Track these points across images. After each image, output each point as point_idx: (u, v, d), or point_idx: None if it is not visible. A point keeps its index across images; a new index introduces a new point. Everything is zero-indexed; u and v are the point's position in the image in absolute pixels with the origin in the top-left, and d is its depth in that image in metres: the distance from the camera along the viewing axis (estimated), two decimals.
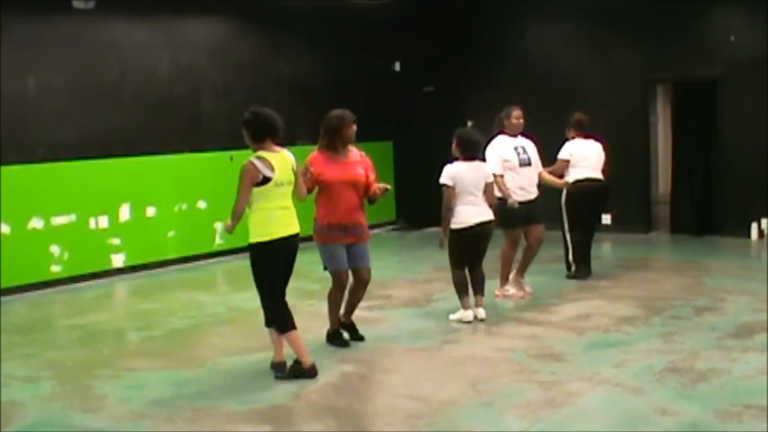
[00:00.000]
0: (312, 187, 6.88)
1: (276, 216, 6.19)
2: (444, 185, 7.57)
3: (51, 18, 10.02)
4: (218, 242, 11.69)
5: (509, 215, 8.29)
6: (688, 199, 12.47)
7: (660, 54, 12.32)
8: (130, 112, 10.65)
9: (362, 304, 8.47)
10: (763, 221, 11.80)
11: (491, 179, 7.81)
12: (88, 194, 10.18)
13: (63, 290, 9.83)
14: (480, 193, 7.61)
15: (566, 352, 6.62)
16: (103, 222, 10.38)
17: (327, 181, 6.92)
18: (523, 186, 8.40)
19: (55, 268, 9.99)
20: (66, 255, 10.04)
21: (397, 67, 14.30)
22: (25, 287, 9.65)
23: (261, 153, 6.21)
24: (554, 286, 8.96)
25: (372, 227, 13.81)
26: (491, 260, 8.14)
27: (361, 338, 7.16)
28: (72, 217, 10.10)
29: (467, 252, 7.74)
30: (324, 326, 7.82)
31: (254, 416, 5.49)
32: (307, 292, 8.95)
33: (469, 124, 13.55)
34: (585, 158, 9.23)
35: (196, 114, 11.59)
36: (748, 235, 11.78)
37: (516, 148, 8.48)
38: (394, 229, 14.18)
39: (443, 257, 10.91)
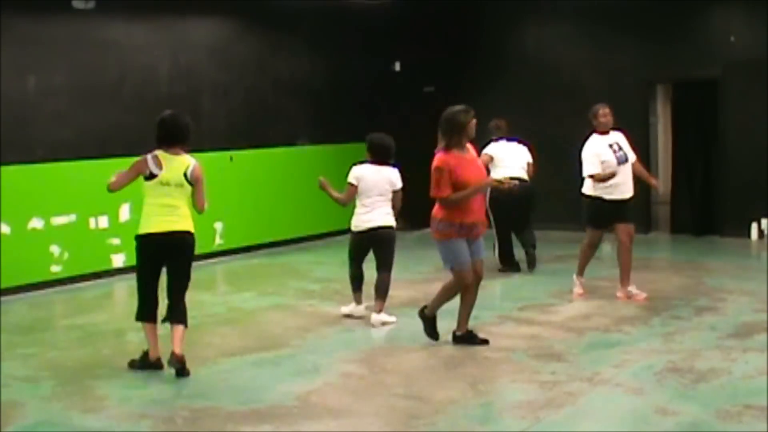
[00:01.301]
0: (448, 193, 6.60)
1: (155, 212, 6.52)
2: (349, 183, 7.81)
3: (51, 18, 10.01)
4: (218, 242, 11.69)
5: (597, 213, 8.26)
6: (688, 199, 12.47)
7: (660, 54, 12.32)
8: (130, 112, 10.63)
9: (362, 303, 8.50)
10: (763, 221, 11.80)
11: (399, 186, 7.97)
12: (88, 194, 10.17)
13: (63, 290, 9.83)
14: (383, 198, 7.80)
15: (566, 352, 6.62)
16: (103, 222, 10.37)
17: (465, 182, 6.62)
18: (620, 184, 8.28)
19: (55, 268, 9.98)
20: (66, 255, 10.04)
21: (397, 67, 14.30)
22: (25, 287, 9.64)
23: (158, 152, 6.56)
24: (554, 286, 8.95)
25: None
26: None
27: (485, 341, 6.93)
28: (72, 217, 10.09)
29: (363, 253, 7.97)
30: (324, 325, 7.82)
31: (254, 416, 5.49)
32: (307, 292, 8.95)
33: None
34: (505, 159, 9.85)
35: (196, 114, 11.56)
36: (748, 235, 11.78)
37: (611, 146, 8.41)
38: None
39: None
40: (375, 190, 7.78)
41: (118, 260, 10.54)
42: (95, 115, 10.40)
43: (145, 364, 6.53)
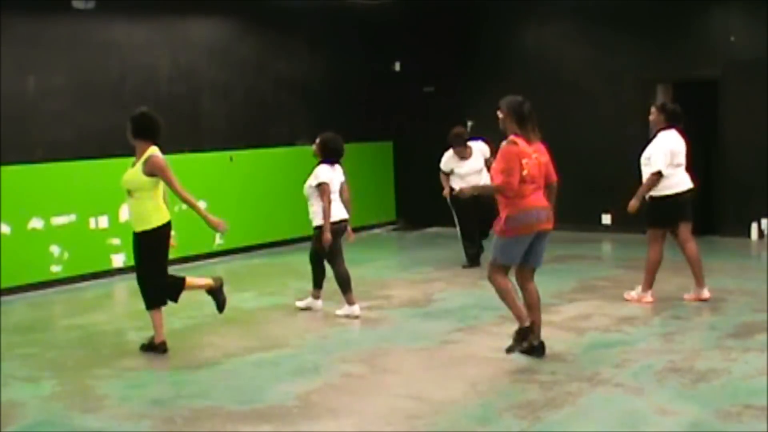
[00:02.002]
0: (516, 184, 6.28)
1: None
2: (323, 184, 8.03)
3: (51, 18, 10.02)
4: (218, 242, 11.69)
5: (658, 211, 8.09)
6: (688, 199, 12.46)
7: (660, 54, 12.32)
8: (130, 112, 10.58)
9: (362, 304, 8.51)
10: (763, 221, 11.80)
11: (343, 178, 8.29)
12: (88, 194, 10.17)
13: (63, 290, 9.83)
14: (336, 194, 8.16)
15: (566, 352, 6.62)
16: (103, 222, 10.37)
17: (533, 171, 6.37)
18: (678, 174, 8.14)
19: (55, 268, 9.98)
20: (66, 255, 10.04)
21: (397, 67, 14.31)
22: (25, 287, 9.65)
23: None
24: (554, 286, 8.95)
25: (372, 227, 13.96)
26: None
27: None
28: (72, 217, 10.09)
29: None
30: (324, 325, 7.83)
31: (254, 416, 5.49)
32: (307, 292, 8.93)
33: (470, 124, 13.56)
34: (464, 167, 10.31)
35: (196, 114, 11.59)
36: (748, 235, 11.78)
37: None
38: (394, 229, 14.18)
39: (443, 257, 10.96)
40: (334, 188, 8.18)
41: (118, 260, 10.54)
42: (95, 115, 10.40)
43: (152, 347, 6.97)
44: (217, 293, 7.29)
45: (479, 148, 10.51)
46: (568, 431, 5.17)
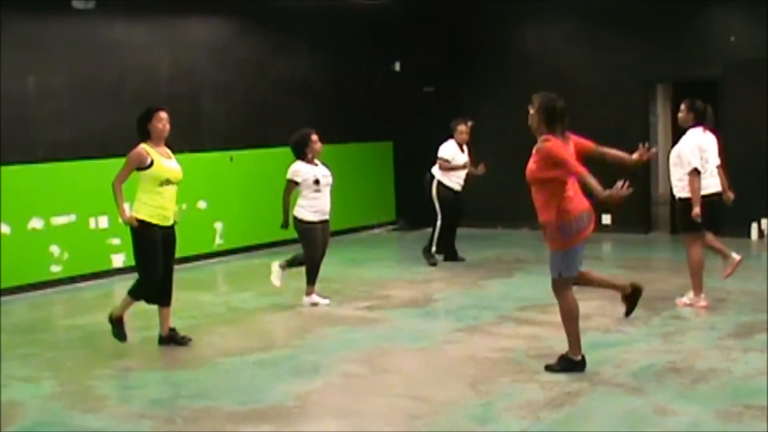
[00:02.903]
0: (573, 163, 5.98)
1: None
2: (294, 181, 8.50)
3: (51, 18, 10.01)
4: (218, 242, 11.69)
5: (704, 214, 7.77)
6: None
7: (660, 54, 12.32)
8: (130, 112, 10.57)
9: (362, 303, 8.51)
10: (763, 221, 11.80)
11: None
12: (88, 194, 10.17)
13: (63, 290, 9.83)
14: None
15: None
16: (103, 222, 10.37)
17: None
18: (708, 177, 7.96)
19: (55, 268, 9.98)
20: (66, 255, 10.04)
21: (397, 67, 14.31)
22: (25, 287, 9.65)
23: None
24: None
25: (372, 227, 13.95)
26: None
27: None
28: (72, 217, 10.09)
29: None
30: (324, 325, 7.83)
31: (254, 416, 5.49)
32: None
33: (469, 124, 13.55)
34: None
35: (196, 114, 11.59)
36: (748, 235, 11.78)
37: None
38: (394, 229, 14.18)
39: (443, 257, 10.94)
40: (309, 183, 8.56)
41: (118, 260, 10.53)
42: (95, 115, 10.40)
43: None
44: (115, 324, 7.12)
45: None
46: (568, 431, 5.17)
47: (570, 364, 6.10)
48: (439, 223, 10.61)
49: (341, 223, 13.06)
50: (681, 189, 7.90)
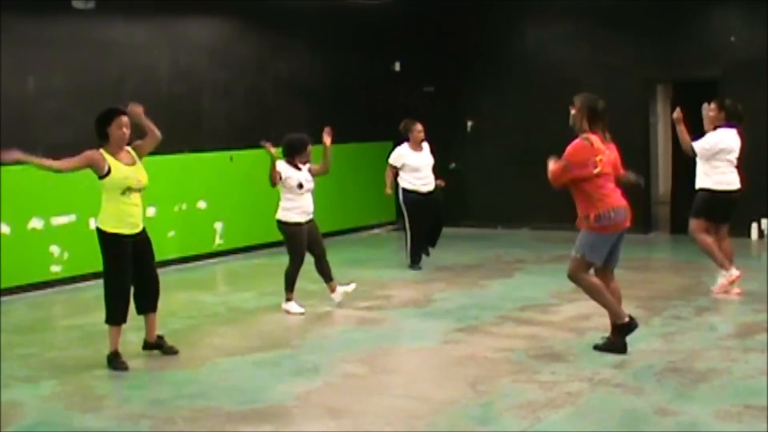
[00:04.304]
0: (561, 182, 6.49)
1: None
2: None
3: (51, 18, 10.01)
4: (218, 242, 11.69)
5: (711, 204, 8.17)
6: (688, 199, 12.44)
7: (660, 54, 12.32)
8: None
9: (362, 303, 8.51)
10: (763, 221, 11.80)
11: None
12: (88, 194, 10.12)
13: (63, 290, 9.83)
14: None
15: (566, 352, 6.62)
16: None
17: (606, 169, 6.41)
18: (728, 173, 8.25)
19: (55, 268, 9.97)
20: (66, 255, 10.03)
21: (397, 67, 14.30)
22: (25, 287, 9.63)
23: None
24: (554, 286, 8.94)
25: (372, 227, 13.95)
26: None
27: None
28: (72, 217, 10.08)
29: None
30: (324, 325, 7.83)
31: (254, 416, 5.49)
32: (307, 292, 8.95)
33: (469, 124, 13.57)
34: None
35: (196, 114, 11.58)
36: (748, 235, 11.79)
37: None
38: (394, 229, 14.16)
39: (443, 257, 10.94)
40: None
41: None
42: (95, 115, 10.37)
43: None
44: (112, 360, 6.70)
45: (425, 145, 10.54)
46: (568, 431, 5.17)
47: (621, 329, 6.33)
48: (408, 233, 10.37)
49: (341, 223, 13.08)
50: (704, 180, 8.04)
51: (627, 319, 6.41)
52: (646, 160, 12.92)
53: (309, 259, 8.52)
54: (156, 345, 6.96)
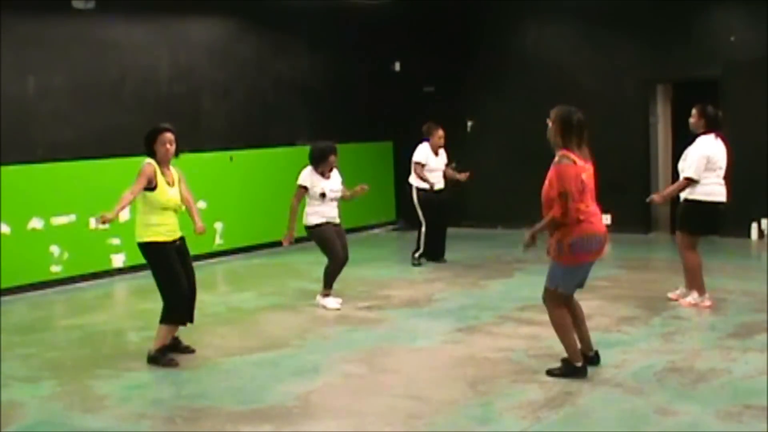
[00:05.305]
0: (576, 211, 5.81)
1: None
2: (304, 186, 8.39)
3: (51, 18, 10.01)
4: (218, 242, 11.69)
5: (697, 216, 7.94)
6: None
7: (660, 54, 12.32)
8: (130, 112, 10.63)
9: (362, 303, 8.52)
10: (763, 221, 11.81)
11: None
12: (88, 194, 10.17)
13: (63, 290, 9.83)
14: None
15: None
16: None
17: (589, 187, 5.98)
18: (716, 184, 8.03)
19: (55, 268, 9.98)
20: (66, 255, 10.04)
21: (397, 67, 14.31)
22: (25, 287, 9.64)
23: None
24: None
25: (372, 227, 13.95)
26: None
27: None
28: (72, 217, 10.09)
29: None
30: (324, 325, 7.83)
31: (254, 416, 5.49)
32: (307, 292, 8.96)
33: (469, 124, 13.56)
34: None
35: (196, 114, 11.59)
36: (748, 235, 11.79)
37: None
38: (394, 229, 14.17)
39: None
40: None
41: (118, 260, 10.54)
42: (95, 115, 10.40)
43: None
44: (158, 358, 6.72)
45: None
46: (568, 431, 5.17)
47: (571, 369, 6.03)
48: (423, 229, 10.61)
49: (341, 223, 13.06)
50: (690, 191, 7.98)
51: (579, 364, 6.02)
52: (646, 160, 12.93)
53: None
54: (171, 347, 6.86)
